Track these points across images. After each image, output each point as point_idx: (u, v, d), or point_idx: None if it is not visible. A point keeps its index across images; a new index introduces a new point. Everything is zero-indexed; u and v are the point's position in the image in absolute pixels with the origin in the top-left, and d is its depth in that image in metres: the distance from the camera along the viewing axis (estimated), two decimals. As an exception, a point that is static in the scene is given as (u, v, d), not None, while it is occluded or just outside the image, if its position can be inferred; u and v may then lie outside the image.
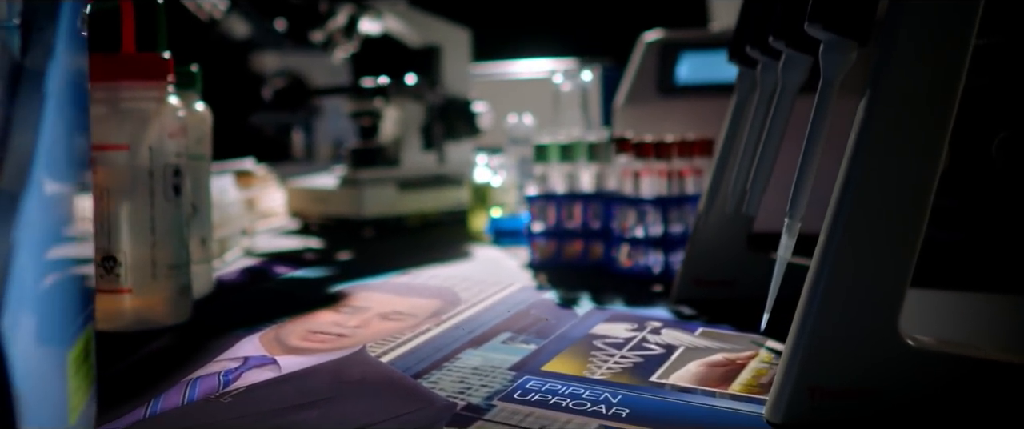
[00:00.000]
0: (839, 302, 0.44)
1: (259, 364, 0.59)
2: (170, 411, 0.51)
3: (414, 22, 1.32)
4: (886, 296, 0.44)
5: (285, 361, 0.60)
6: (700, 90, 1.08)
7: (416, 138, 1.31)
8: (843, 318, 0.44)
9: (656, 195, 0.85)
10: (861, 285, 0.44)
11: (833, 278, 0.44)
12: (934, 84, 0.43)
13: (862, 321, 0.44)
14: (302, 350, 0.63)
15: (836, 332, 0.44)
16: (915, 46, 0.43)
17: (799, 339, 0.44)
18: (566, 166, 0.93)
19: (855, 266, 0.44)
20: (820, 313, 0.44)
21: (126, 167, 0.67)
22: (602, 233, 0.90)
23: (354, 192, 1.23)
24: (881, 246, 0.44)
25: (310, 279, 0.92)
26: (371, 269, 0.95)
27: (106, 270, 0.68)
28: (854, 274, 0.44)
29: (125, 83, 0.68)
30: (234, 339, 0.66)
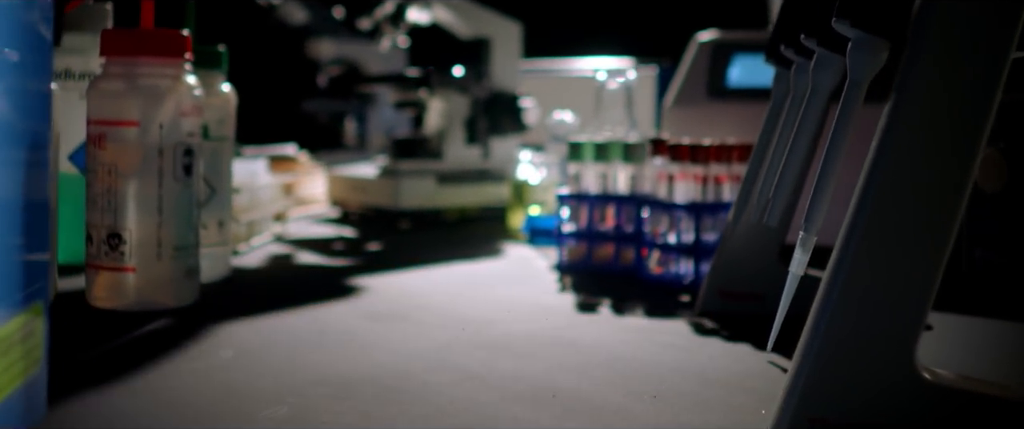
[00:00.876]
0: (849, 324, 0.40)
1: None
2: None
3: (464, 13, 1.30)
4: (903, 321, 0.40)
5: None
6: (752, 94, 1.03)
7: (460, 131, 1.28)
8: (853, 343, 0.40)
9: (690, 200, 0.81)
10: (876, 307, 0.40)
11: (844, 297, 0.40)
12: (968, 90, 0.39)
13: (874, 348, 0.40)
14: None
15: (844, 358, 0.40)
16: (949, 47, 0.39)
17: (802, 363, 0.41)
18: (601, 166, 0.89)
19: (870, 285, 0.40)
20: (827, 335, 0.40)
21: (135, 144, 0.66)
22: (634, 237, 0.86)
23: (392, 183, 1.21)
24: (901, 265, 0.40)
25: (331, 269, 0.90)
26: (395, 262, 0.93)
27: (110, 247, 0.67)
28: (869, 294, 0.40)
29: (140, 58, 0.67)
30: (228, 327, 0.64)
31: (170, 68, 0.67)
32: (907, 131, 0.39)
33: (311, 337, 0.62)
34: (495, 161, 1.30)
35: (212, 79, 0.80)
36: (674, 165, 0.81)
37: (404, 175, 1.21)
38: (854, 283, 0.40)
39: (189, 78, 0.69)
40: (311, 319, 0.67)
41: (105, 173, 0.66)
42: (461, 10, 1.30)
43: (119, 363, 0.55)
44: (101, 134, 0.66)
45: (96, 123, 0.67)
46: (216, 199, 0.79)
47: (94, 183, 0.67)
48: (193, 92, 0.69)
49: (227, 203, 0.81)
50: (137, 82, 0.66)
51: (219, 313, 0.67)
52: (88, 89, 0.67)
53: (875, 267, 0.40)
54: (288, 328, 0.64)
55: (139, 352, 0.57)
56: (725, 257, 0.70)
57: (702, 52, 1.07)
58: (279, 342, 0.60)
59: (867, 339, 0.40)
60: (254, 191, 1.01)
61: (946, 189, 0.39)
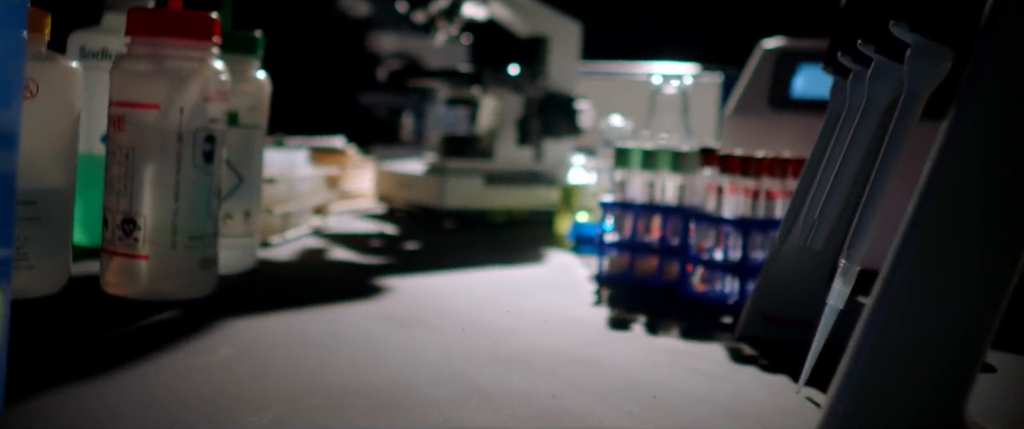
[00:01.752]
0: (892, 362, 0.35)
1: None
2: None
3: (522, 10, 1.26)
4: (955, 362, 0.35)
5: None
6: (816, 106, 0.97)
7: (512, 131, 1.25)
8: (895, 383, 0.35)
9: (738, 216, 0.76)
10: (924, 344, 0.35)
11: (888, 331, 0.35)
12: (1041, 107, 0.34)
13: (918, 391, 0.35)
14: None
15: (883, 400, 0.35)
16: (1021, 58, 0.34)
17: (836, 403, 0.36)
18: (648, 174, 0.84)
19: (919, 319, 0.35)
20: (866, 373, 0.35)
21: (154, 127, 0.63)
22: (679, 251, 0.82)
23: (438, 181, 1.17)
24: (956, 298, 0.35)
25: (360, 267, 0.87)
26: (429, 264, 0.90)
27: (124, 233, 0.64)
28: (916, 329, 0.35)
29: (165, 40, 0.64)
30: (236, 323, 0.61)
31: (196, 51, 0.65)
32: (967, 151, 0.35)
33: (320, 339, 0.58)
34: (547, 163, 1.26)
35: (246, 65, 0.77)
36: (724, 177, 0.77)
37: (451, 173, 1.18)
38: (900, 316, 0.35)
39: (216, 62, 0.66)
40: (325, 319, 0.64)
41: (123, 156, 0.64)
42: (519, 7, 1.26)
43: (113, 354, 0.52)
44: (121, 115, 0.64)
45: (116, 104, 0.65)
46: (243, 188, 0.77)
47: (112, 166, 0.65)
48: (219, 77, 0.66)
49: (255, 193, 0.78)
50: (160, 64, 0.64)
51: (231, 308, 0.64)
52: (112, 69, 0.65)
53: (925, 299, 0.35)
54: (299, 328, 0.61)
55: (137, 344, 0.55)
56: (770, 279, 0.65)
57: (766, 60, 1.02)
58: (285, 342, 0.57)
59: (911, 380, 0.35)
60: (292, 182, 0.98)
61: (1011, 215, 0.34)
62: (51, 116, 0.63)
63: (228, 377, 0.49)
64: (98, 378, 0.48)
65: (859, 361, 0.36)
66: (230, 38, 0.75)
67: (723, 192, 0.77)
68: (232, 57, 0.76)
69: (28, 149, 0.62)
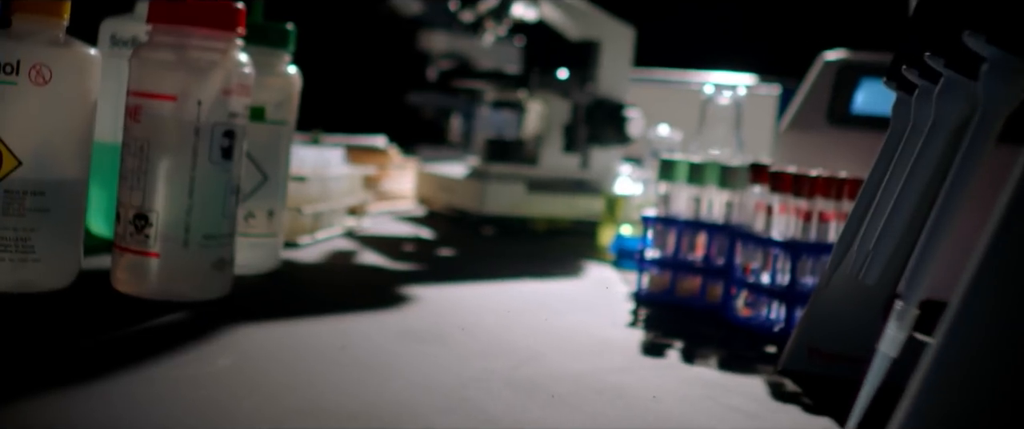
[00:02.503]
0: (957, 415, 0.31)
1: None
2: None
3: (573, 13, 1.22)
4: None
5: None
6: (878, 123, 0.92)
7: (558, 137, 1.21)
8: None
9: (788, 237, 0.71)
10: (995, 398, 0.30)
11: (953, 378, 0.31)
12: None
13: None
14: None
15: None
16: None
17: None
18: (694, 188, 0.80)
19: (989, 368, 0.30)
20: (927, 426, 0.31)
21: (170, 120, 0.61)
22: (724, 272, 0.77)
23: (479, 185, 1.14)
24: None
25: (387, 273, 0.83)
26: (460, 273, 0.86)
27: (136, 229, 0.61)
28: (986, 380, 0.30)
29: (185, 29, 0.61)
30: (243, 331, 0.58)
31: (217, 42, 0.62)
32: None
33: (328, 352, 0.55)
34: (592, 172, 1.22)
35: (275, 59, 0.74)
36: (774, 196, 0.72)
37: (492, 178, 1.14)
38: (968, 363, 0.31)
39: (239, 55, 0.63)
40: (337, 330, 0.60)
41: (137, 148, 0.61)
42: (570, 9, 1.22)
43: (106, 357, 0.49)
44: (137, 106, 0.61)
45: (133, 94, 0.62)
46: (267, 187, 0.74)
47: (126, 158, 0.62)
48: (242, 70, 0.63)
49: (280, 192, 0.75)
50: (179, 54, 0.61)
51: (242, 312, 0.61)
52: (131, 57, 0.62)
53: (1005, 339, 0.30)
54: (307, 339, 0.58)
55: (134, 348, 0.52)
56: (819, 309, 0.60)
57: (826, 72, 0.97)
58: (289, 354, 0.54)
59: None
60: (325, 181, 0.95)
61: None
62: (64, 103, 0.60)
63: (220, 391, 0.46)
64: (82, 382, 0.45)
65: (921, 407, 0.31)
66: (259, 30, 0.72)
67: (773, 212, 0.72)
68: (261, 50, 0.73)
69: (37, 137, 0.60)
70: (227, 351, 0.53)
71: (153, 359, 0.50)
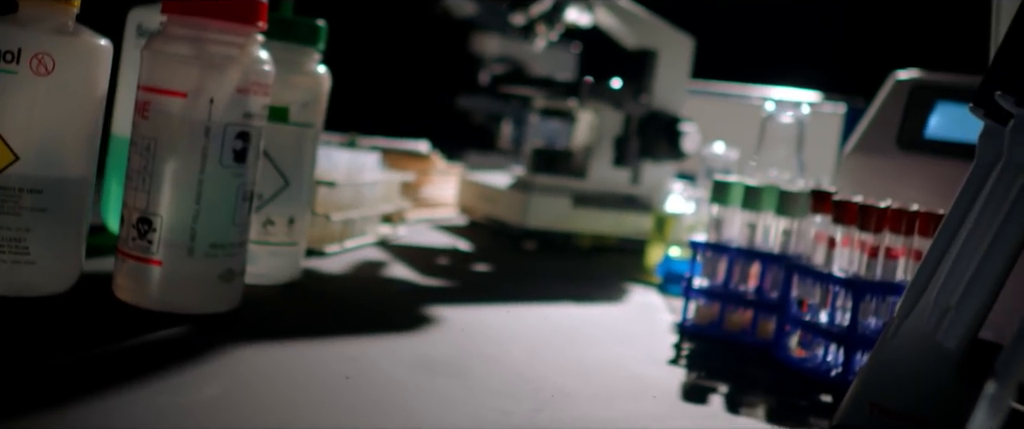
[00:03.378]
0: None
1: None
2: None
3: (629, 20, 1.16)
4: None
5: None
6: (954, 150, 0.84)
7: (608, 149, 1.15)
8: None
9: (851, 274, 0.64)
10: None
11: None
12: None
13: None
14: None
15: None
16: None
17: None
18: (749, 214, 0.73)
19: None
20: None
21: (179, 118, 0.56)
22: (778, 307, 0.70)
23: (522, 197, 1.08)
24: None
25: (415, 289, 0.78)
26: (492, 292, 0.80)
27: (139, 233, 0.57)
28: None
29: (200, 21, 0.57)
30: (243, 352, 0.53)
31: (235, 36, 0.57)
32: None
33: (331, 381, 0.50)
34: (643, 188, 1.16)
35: (303, 56, 0.70)
36: (837, 227, 0.65)
37: (537, 190, 1.08)
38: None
39: (259, 51, 0.59)
40: (347, 355, 0.55)
41: (143, 147, 0.57)
42: (627, 16, 1.16)
43: (87, 375, 0.45)
44: (146, 101, 0.57)
45: (143, 89, 0.57)
46: (288, 193, 0.69)
47: (133, 157, 0.58)
48: (261, 68, 0.58)
49: (303, 199, 0.70)
50: (192, 47, 0.56)
51: (247, 329, 0.56)
52: (142, 48, 0.58)
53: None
54: (311, 364, 0.53)
55: (121, 367, 0.47)
56: (883, 360, 0.54)
57: (897, 92, 0.89)
58: (285, 382, 0.49)
59: None
60: (357, 187, 0.90)
61: None
62: (68, 96, 0.56)
63: (204, 423, 0.41)
64: (53, 401, 0.40)
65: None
66: (286, 25, 0.68)
67: (835, 244, 0.65)
68: (288, 46, 0.68)
69: (37, 131, 0.56)
70: (220, 375, 0.48)
71: (139, 380, 0.45)
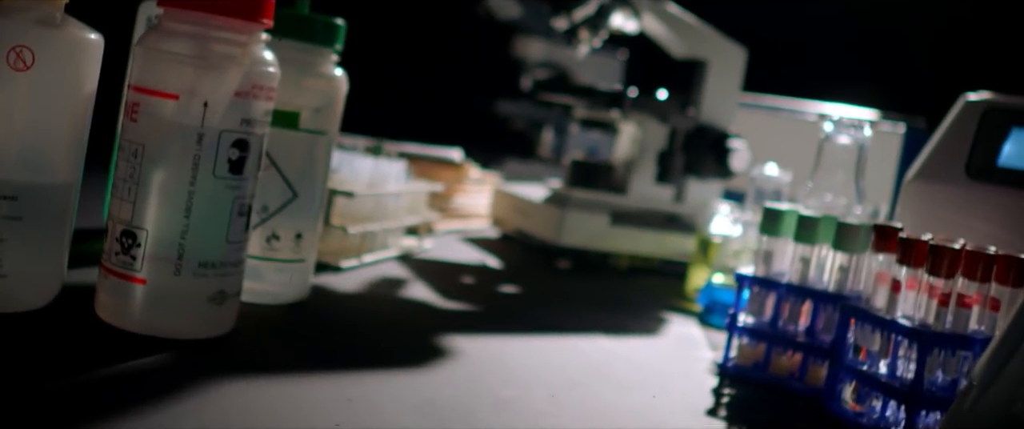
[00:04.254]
0: None
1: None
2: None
3: (678, 28, 1.09)
4: None
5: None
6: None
7: (651, 165, 1.08)
8: None
9: (917, 322, 0.57)
10: None
11: None
12: None
13: None
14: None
15: None
16: None
17: None
18: (802, 247, 0.66)
19: None
20: None
21: (169, 122, 0.51)
22: (831, 353, 0.63)
23: (557, 213, 1.02)
24: None
25: (432, 312, 0.72)
26: (517, 319, 0.74)
27: (122, 247, 0.52)
28: None
29: (198, 15, 0.51)
30: (224, 389, 0.47)
31: (236, 33, 0.52)
32: None
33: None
34: (687, 207, 1.09)
35: (318, 57, 0.64)
36: (902, 268, 0.58)
37: (573, 206, 1.02)
38: None
39: (263, 51, 0.53)
40: (341, 396, 0.49)
41: (131, 153, 0.52)
42: (676, 23, 1.09)
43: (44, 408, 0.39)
44: (135, 103, 0.52)
45: (132, 88, 0.52)
46: (296, 205, 0.63)
47: (120, 163, 0.52)
48: (264, 69, 0.53)
49: (313, 212, 0.65)
50: (187, 44, 0.51)
51: (236, 360, 0.51)
52: (134, 45, 0.53)
53: None
54: (300, 405, 0.47)
55: (85, 399, 0.42)
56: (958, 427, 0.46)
57: (968, 115, 0.82)
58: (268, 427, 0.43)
59: None
60: (378, 198, 0.85)
61: None
62: (49, 94, 0.51)
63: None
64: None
65: None
66: (300, 23, 0.62)
67: (900, 287, 0.58)
68: (302, 46, 0.63)
69: (11, 132, 0.50)
70: (196, 413, 0.42)
71: (105, 414, 0.40)
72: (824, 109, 1.40)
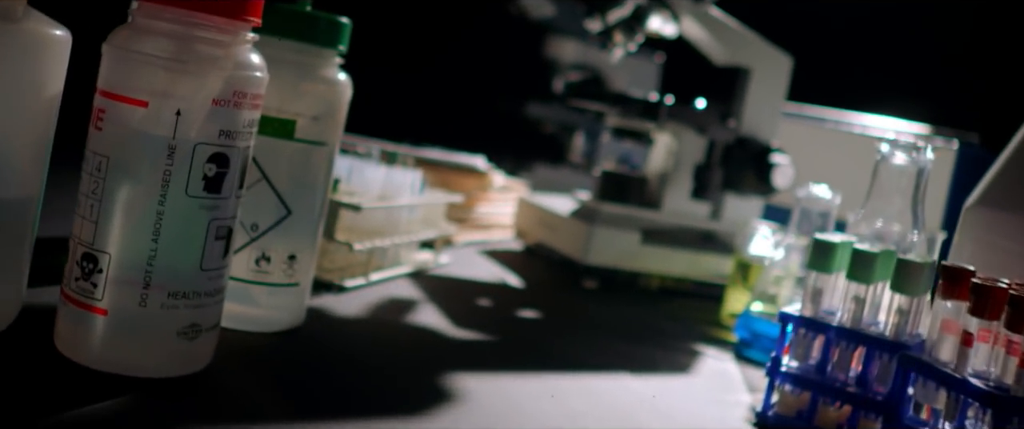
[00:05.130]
0: None
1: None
2: None
3: (720, 33, 1.01)
4: None
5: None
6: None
7: (687, 179, 1.00)
8: None
9: (992, 382, 0.49)
10: None
11: None
12: None
13: None
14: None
15: None
16: None
17: None
18: (856, 285, 0.59)
19: None
20: None
21: (136, 132, 0.44)
22: (886, 407, 0.56)
23: (584, 228, 0.95)
24: None
25: (442, 342, 0.65)
26: (537, 354, 0.67)
27: (82, 272, 0.45)
28: None
29: (174, 12, 0.45)
30: None
31: (216, 33, 0.45)
32: None
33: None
34: (724, 225, 1.01)
35: (318, 59, 0.57)
36: (974, 319, 0.50)
37: (601, 221, 0.95)
38: None
39: (249, 54, 0.47)
40: (321, 455, 0.43)
41: (94, 166, 0.45)
42: (718, 28, 1.01)
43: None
44: (100, 109, 0.45)
45: (99, 92, 0.46)
46: (290, 223, 0.57)
47: (83, 177, 0.46)
48: (249, 74, 0.46)
49: (309, 231, 0.58)
50: (160, 44, 0.44)
51: (208, 404, 0.44)
52: (103, 44, 0.47)
53: None
54: (274, 468, 0.40)
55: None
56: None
57: (1044, 138, 0.74)
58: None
59: None
60: (391, 211, 0.78)
61: None
62: (4, 96, 0.45)
63: None
64: None
65: None
66: (297, 20, 0.56)
67: (971, 339, 0.51)
68: (301, 47, 0.56)
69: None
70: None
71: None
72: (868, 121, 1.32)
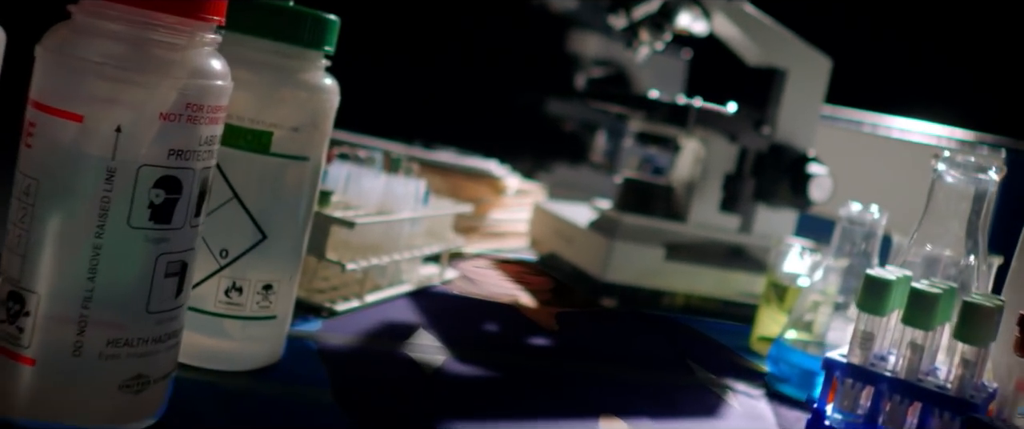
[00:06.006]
0: None
1: None
2: None
3: (755, 31, 0.94)
4: None
5: None
6: None
7: (716, 189, 0.93)
8: None
9: (1077, 457, 0.42)
10: None
11: None
12: None
13: None
14: None
15: None
16: None
17: None
18: (913, 332, 0.51)
19: None
20: None
21: (69, 151, 0.37)
22: (944, 469, 0.48)
23: (603, 242, 0.87)
24: None
25: (436, 379, 0.58)
26: (543, 395, 0.60)
27: (8, 315, 0.39)
28: None
29: (116, 8, 0.38)
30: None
31: (168, 34, 0.38)
32: None
33: None
34: (755, 239, 0.94)
35: (299, 62, 0.50)
36: (1059, 380, 0.43)
37: (623, 235, 0.87)
38: None
39: (208, 58, 0.40)
40: None
41: (23, 190, 0.38)
42: (752, 26, 0.93)
43: None
44: (31, 123, 0.39)
45: (30, 104, 0.39)
46: (264, 249, 0.50)
47: (13, 203, 0.39)
48: (208, 82, 0.39)
49: (288, 257, 0.51)
50: (100, 47, 0.38)
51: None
52: (37, 46, 0.40)
53: None
54: None
55: None
56: None
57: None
58: None
59: None
60: (389, 226, 0.71)
61: None
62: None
63: None
64: None
65: None
66: (272, 17, 0.49)
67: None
68: (279, 48, 0.49)
69: None
70: None
71: None
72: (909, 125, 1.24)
